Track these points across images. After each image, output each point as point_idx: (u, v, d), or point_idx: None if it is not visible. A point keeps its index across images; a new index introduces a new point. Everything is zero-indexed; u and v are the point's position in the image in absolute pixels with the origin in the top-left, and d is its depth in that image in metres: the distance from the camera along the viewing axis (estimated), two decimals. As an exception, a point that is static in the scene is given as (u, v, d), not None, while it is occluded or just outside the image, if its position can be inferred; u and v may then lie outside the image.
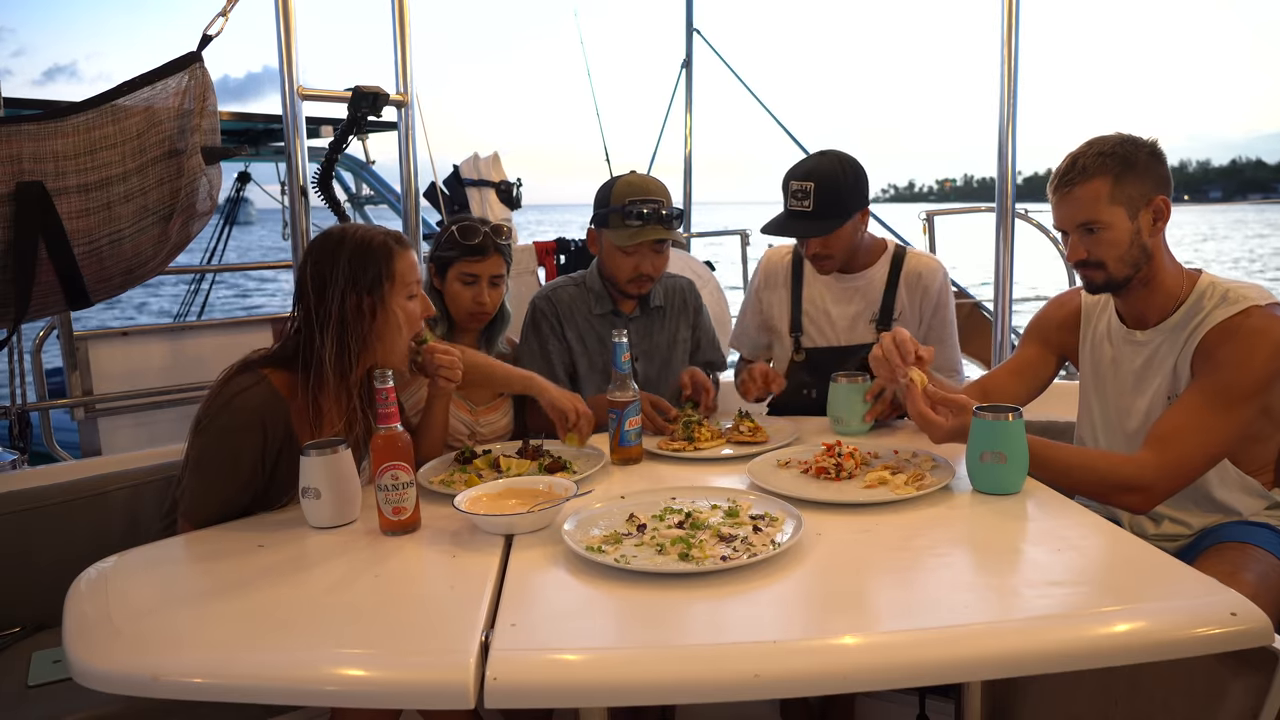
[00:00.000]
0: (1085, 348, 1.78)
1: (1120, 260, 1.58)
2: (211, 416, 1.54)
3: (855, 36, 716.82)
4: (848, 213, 2.00)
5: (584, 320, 2.18)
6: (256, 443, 1.53)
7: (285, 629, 1.16)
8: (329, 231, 1.66)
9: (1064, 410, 1.97)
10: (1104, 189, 1.56)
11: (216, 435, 1.53)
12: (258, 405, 1.53)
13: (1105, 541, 1.28)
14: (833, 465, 1.57)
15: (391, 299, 1.62)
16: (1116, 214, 1.56)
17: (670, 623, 1.11)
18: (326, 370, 1.57)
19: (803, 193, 1.98)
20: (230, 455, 1.52)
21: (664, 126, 4.76)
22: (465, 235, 2.04)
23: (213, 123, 2.01)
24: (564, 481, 1.54)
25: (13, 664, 1.65)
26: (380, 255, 1.61)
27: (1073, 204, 1.58)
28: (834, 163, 2.01)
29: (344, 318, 1.58)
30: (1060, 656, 1.01)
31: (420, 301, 1.67)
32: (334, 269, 1.58)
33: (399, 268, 1.62)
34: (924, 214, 3.92)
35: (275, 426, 1.55)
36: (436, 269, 2.10)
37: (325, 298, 1.58)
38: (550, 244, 3.40)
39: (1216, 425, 1.48)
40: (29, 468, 2.51)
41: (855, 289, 2.13)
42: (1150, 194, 1.57)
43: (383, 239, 1.63)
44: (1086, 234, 1.58)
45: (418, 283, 1.67)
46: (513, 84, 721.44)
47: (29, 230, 1.78)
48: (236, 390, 1.53)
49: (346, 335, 1.58)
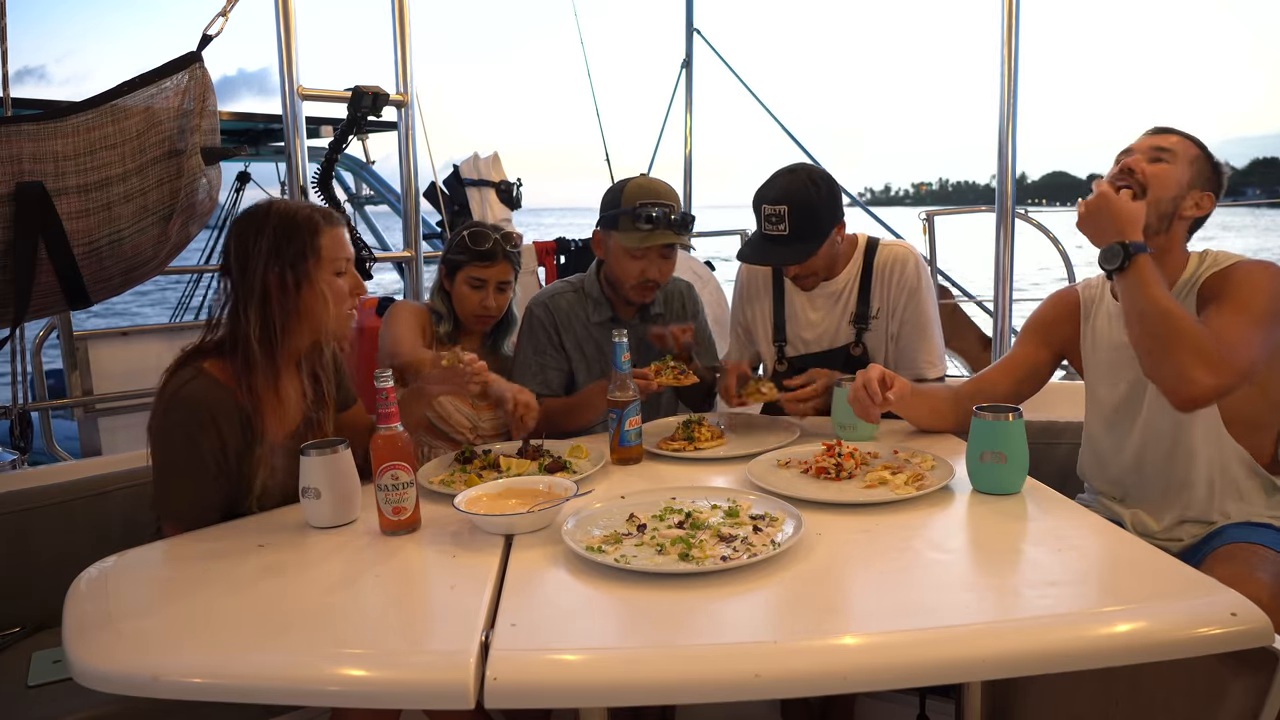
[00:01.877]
0: (1086, 341, 1.77)
1: (1157, 198, 1.60)
2: (159, 419, 1.53)
3: (855, 37, 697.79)
4: (824, 233, 1.96)
5: (582, 328, 2.16)
6: (210, 435, 1.52)
7: (285, 629, 1.16)
8: (254, 206, 1.63)
9: (1064, 410, 1.97)
10: (1190, 150, 1.63)
11: (169, 436, 1.52)
12: (201, 397, 1.51)
13: (1105, 541, 1.28)
14: (833, 465, 1.57)
15: (317, 274, 1.58)
16: (1184, 169, 1.62)
17: (670, 623, 1.11)
18: (253, 348, 1.54)
19: (777, 217, 1.93)
20: (188, 452, 1.51)
21: (664, 127, 4.76)
22: (476, 241, 2.07)
23: (212, 123, 2.01)
24: (564, 481, 1.54)
25: (13, 664, 1.65)
26: (305, 229, 1.57)
27: (1160, 138, 1.64)
28: (805, 182, 1.95)
29: (267, 292, 1.55)
30: (1060, 656, 1.01)
31: (350, 279, 1.64)
32: (257, 243, 1.55)
33: (324, 243, 1.59)
34: (924, 214, 3.92)
35: (225, 415, 1.53)
36: (447, 271, 2.14)
37: (248, 272, 1.55)
38: (550, 244, 3.40)
39: (1248, 331, 1.47)
40: (29, 468, 2.52)
41: (834, 293, 2.10)
42: (1208, 188, 1.63)
43: (308, 213, 1.61)
44: (1153, 158, 1.62)
45: (347, 260, 1.63)
46: (513, 84, 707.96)
47: (29, 230, 1.78)
48: (177, 388, 1.52)
49: (270, 310, 1.55)
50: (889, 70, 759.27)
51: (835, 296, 2.10)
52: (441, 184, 3.38)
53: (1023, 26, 2.60)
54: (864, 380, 1.70)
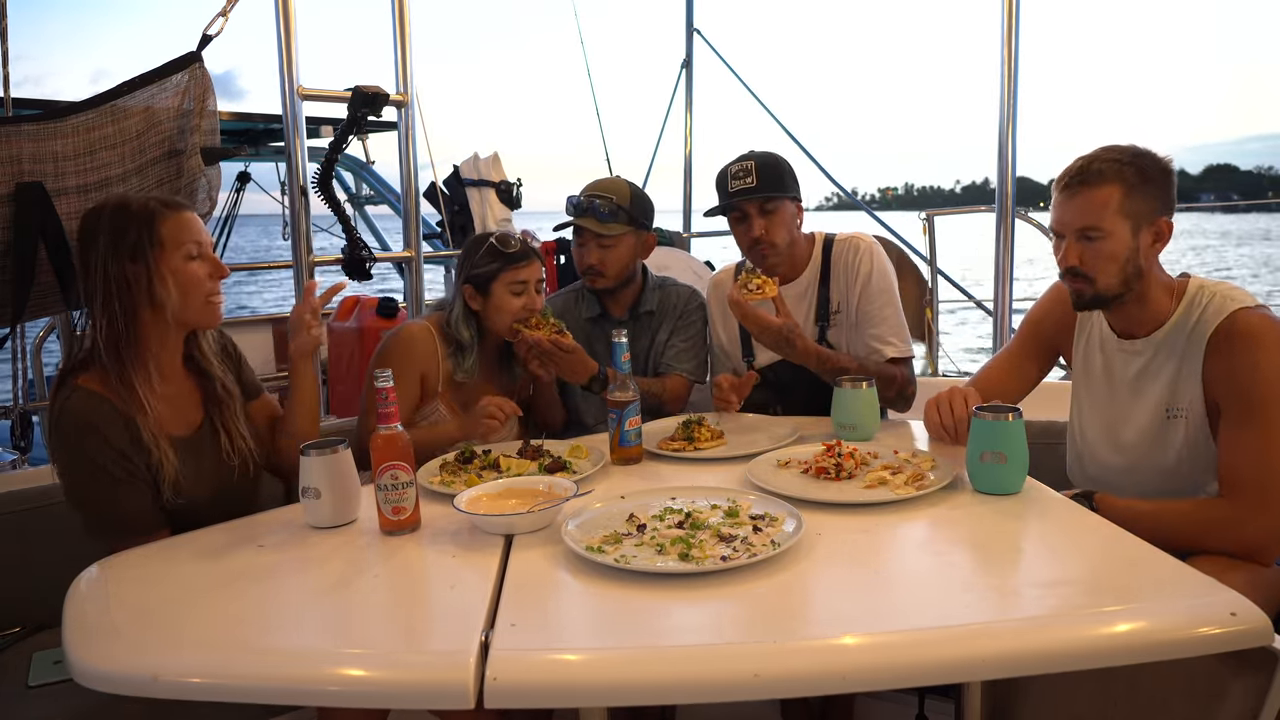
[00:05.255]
0: (1079, 351, 1.77)
1: (1112, 276, 1.54)
2: (53, 446, 1.51)
3: (854, 37, 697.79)
4: (788, 190, 2.05)
5: (574, 324, 2.21)
6: (99, 445, 1.48)
7: (285, 629, 1.16)
8: (95, 204, 1.58)
9: (1064, 410, 1.97)
10: (1115, 196, 1.50)
11: (66, 457, 1.51)
12: (79, 411, 1.48)
13: (1105, 541, 1.28)
14: (833, 465, 1.57)
15: (161, 262, 1.53)
16: (1121, 226, 1.51)
17: (670, 623, 1.11)
18: (102, 349, 1.50)
19: (744, 171, 2.03)
20: (90, 468, 1.49)
21: (664, 127, 4.76)
22: (504, 245, 2.01)
23: (212, 123, 2.01)
24: (564, 481, 1.54)
25: (13, 664, 1.65)
26: (139, 219, 1.52)
27: (1079, 206, 1.53)
28: (769, 153, 2.09)
29: (109, 289, 1.50)
30: (1060, 656, 1.01)
31: (207, 263, 1.58)
32: (95, 241, 1.52)
33: (165, 230, 1.53)
34: (924, 215, 3.93)
35: (108, 422, 1.49)
36: (476, 287, 2.02)
37: (90, 272, 1.52)
38: (550, 244, 3.40)
39: (1275, 438, 1.43)
40: (29, 468, 2.52)
41: (796, 295, 2.13)
42: (1157, 214, 1.53)
43: (143, 202, 1.56)
44: (1084, 241, 1.54)
45: (198, 244, 1.57)
46: (513, 84, 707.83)
47: (29, 231, 1.78)
48: (58, 411, 1.50)
49: (114, 306, 1.50)
50: (888, 70, 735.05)
51: (798, 299, 2.13)
52: (441, 184, 3.38)
53: (1022, 27, 2.60)
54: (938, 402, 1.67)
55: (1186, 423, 1.56)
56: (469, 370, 2.03)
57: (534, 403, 2.24)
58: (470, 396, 2.00)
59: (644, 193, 2.26)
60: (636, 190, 2.24)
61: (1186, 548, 1.37)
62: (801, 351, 1.92)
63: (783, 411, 2.11)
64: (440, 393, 2.02)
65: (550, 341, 1.94)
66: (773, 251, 2.06)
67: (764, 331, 1.90)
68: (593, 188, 2.23)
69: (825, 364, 1.95)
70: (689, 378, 2.25)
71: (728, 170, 2.06)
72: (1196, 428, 1.55)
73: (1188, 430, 1.56)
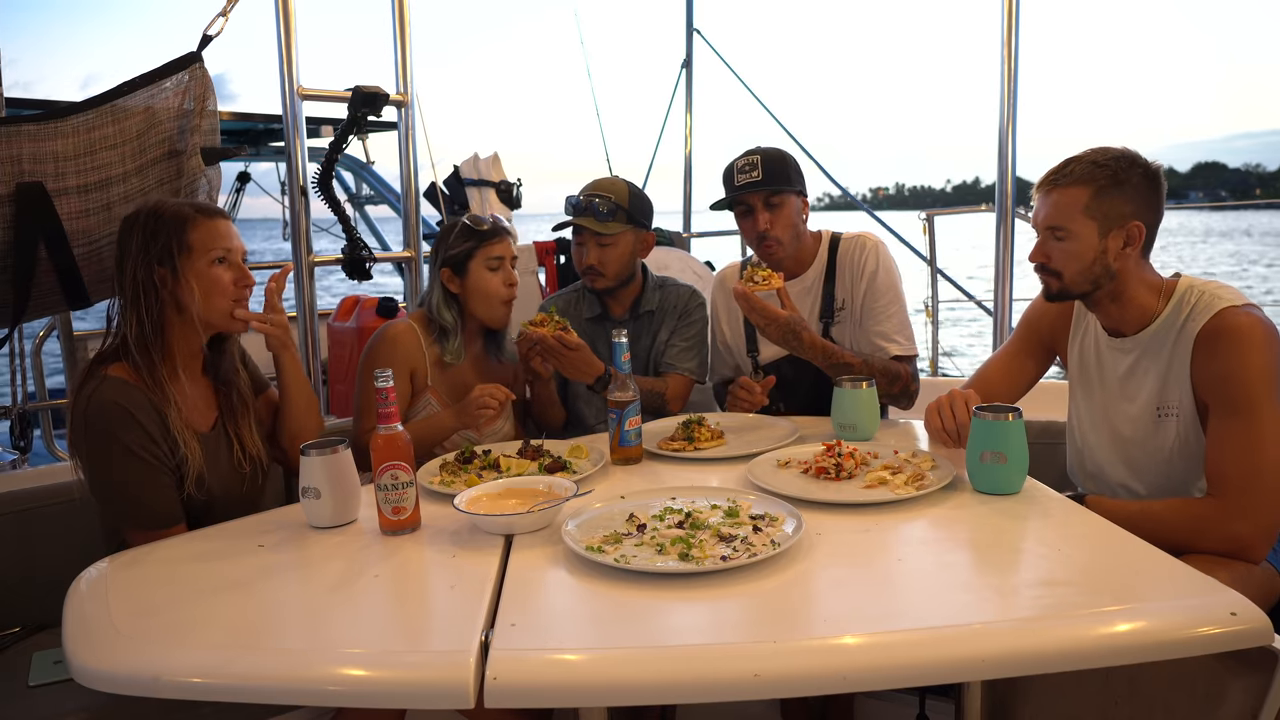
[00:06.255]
0: (1074, 349, 1.77)
1: (1078, 275, 1.57)
2: (82, 436, 1.52)
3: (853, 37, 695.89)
4: (793, 184, 2.06)
5: (575, 324, 2.19)
6: (136, 431, 1.50)
7: (285, 629, 1.16)
8: (135, 207, 1.63)
9: (1063, 410, 1.97)
10: (1082, 198, 1.54)
11: (100, 448, 1.51)
12: (113, 399, 1.50)
13: (1105, 541, 1.28)
14: (833, 465, 1.57)
15: (187, 267, 1.57)
16: (1086, 227, 1.55)
17: (670, 623, 1.11)
18: (132, 349, 1.54)
19: (750, 165, 2.05)
20: (125, 456, 1.50)
21: (664, 127, 4.76)
22: (476, 224, 2.08)
23: (212, 123, 2.01)
24: (564, 481, 1.54)
25: (13, 664, 1.65)
26: (171, 224, 1.57)
27: (1049, 205, 1.58)
28: (774, 148, 2.11)
29: (139, 291, 1.55)
30: (1060, 656, 1.01)
31: (233, 268, 1.62)
32: (130, 243, 1.57)
33: (195, 236, 1.58)
34: (924, 215, 3.93)
35: (141, 409, 1.52)
36: (454, 269, 2.06)
37: (124, 272, 1.57)
38: (550, 244, 3.40)
39: (1262, 435, 1.43)
40: (29, 468, 2.52)
41: (801, 291, 2.14)
42: (1129, 217, 1.54)
43: (175, 208, 1.60)
44: (1053, 238, 1.58)
45: (227, 250, 1.61)
46: (513, 84, 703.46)
47: (29, 231, 1.78)
48: (86, 398, 1.51)
49: (142, 308, 1.55)
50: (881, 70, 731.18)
51: (802, 295, 2.14)
52: (442, 184, 3.38)
53: (1022, 27, 2.60)
54: (939, 405, 1.66)
55: (1178, 422, 1.56)
56: (455, 352, 2.07)
57: (533, 402, 2.25)
58: (458, 381, 2.06)
59: (642, 192, 2.26)
60: (635, 189, 2.24)
61: (1176, 547, 1.37)
62: (808, 345, 1.92)
63: (786, 409, 2.10)
64: (430, 386, 2.04)
65: (555, 338, 1.95)
66: (778, 246, 2.07)
67: (770, 324, 1.89)
68: (591, 187, 2.23)
69: (830, 358, 1.95)
70: (690, 377, 2.25)
71: (734, 165, 2.08)
72: (1188, 427, 1.56)
73: (1180, 429, 1.56)
